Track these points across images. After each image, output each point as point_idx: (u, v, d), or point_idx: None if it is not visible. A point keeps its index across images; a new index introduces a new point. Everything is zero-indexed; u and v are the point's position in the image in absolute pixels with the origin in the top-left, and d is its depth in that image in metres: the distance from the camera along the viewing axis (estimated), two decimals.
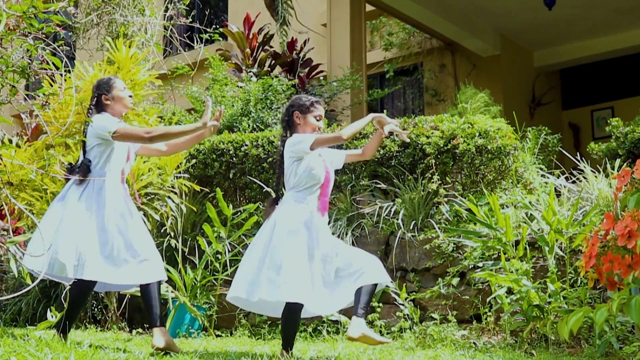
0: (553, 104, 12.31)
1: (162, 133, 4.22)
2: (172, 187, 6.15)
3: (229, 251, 6.06)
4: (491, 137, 6.01)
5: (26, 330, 4.94)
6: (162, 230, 6.48)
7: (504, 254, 4.89)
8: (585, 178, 5.73)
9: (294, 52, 9.29)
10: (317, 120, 4.23)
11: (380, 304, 5.59)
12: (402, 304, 5.40)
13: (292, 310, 3.96)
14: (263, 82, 7.93)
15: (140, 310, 6.49)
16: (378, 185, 6.22)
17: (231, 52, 9.66)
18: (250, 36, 9.19)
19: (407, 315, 5.39)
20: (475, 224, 5.28)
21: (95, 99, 4.38)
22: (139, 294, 5.90)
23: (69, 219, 4.10)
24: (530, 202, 5.54)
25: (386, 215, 5.95)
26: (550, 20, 10.39)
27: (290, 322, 4.03)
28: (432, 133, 6.03)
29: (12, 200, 5.18)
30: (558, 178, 6.01)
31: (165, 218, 6.06)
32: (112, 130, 4.16)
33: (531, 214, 5.40)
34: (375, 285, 4.00)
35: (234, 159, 6.71)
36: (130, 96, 4.49)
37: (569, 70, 12.52)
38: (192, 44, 8.34)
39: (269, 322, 5.96)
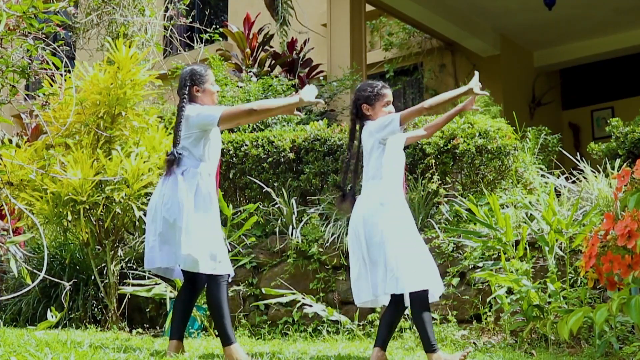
0: (553, 104, 12.32)
1: (265, 109, 4.06)
2: None
3: (229, 251, 6.06)
4: (491, 137, 6.02)
5: (26, 330, 4.96)
6: None
7: (504, 254, 4.91)
8: (585, 178, 5.75)
9: (294, 52, 9.30)
10: (387, 106, 4.12)
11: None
12: None
13: (423, 298, 3.80)
14: (263, 82, 7.95)
15: (140, 310, 6.50)
16: None
17: (231, 52, 9.68)
18: (250, 36, 9.21)
19: (407, 315, 5.39)
20: (475, 224, 5.29)
21: (187, 88, 4.21)
22: (140, 294, 5.94)
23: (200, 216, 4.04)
24: (530, 202, 5.56)
25: None
26: (550, 20, 10.40)
27: (427, 313, 3.81)
28: None
29: (12, 200, 5.21)
30: (558, 178, 6.03)
31: None
32: (217, 117, 4.03)
33: (531, 214, 5.41)
34: None
35: (234, 158, 6.72)
36: (218, 91, 4.38)
37: (569, 70, 12.53)
38: (192, 44, 8.37)
39: (269, 322, 5.97)
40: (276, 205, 6.44)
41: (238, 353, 3.93)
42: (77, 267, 6.53)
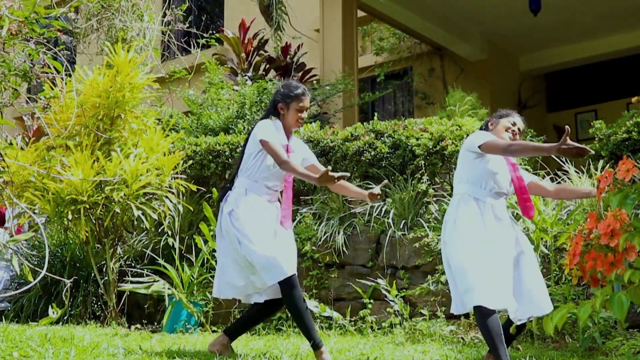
0: (538, 106, 12.42)
1: (521, 148, 3.75)
2: (170, 187, 6.23)
3: None
4: None
5: (28, 326, 5.02)
6: (159, 229, 6.58)
7: None
8: (569, 179, 5.78)
9: (288, 56, 9.38)
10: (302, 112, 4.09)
11: (372, 301, 5.71)
12: (393, 301, 5.53)
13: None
14: (258, 85, 8.02)
15: (138, 307, 6.59)
16: (369, 186, 6.27)
17: (227, 57, 9.74)
18: (246, 41, 9.28)
19: (398, 311, 5.51)
20: None
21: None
22: (139, 291, 6.03)
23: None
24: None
25: (377, 214, 6.07)
26: (536, 26, 10.53)
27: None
28: (421, 135, 6.14)
29: (15, 200, 5.32)
30: (543, 178, 6.07)
31: (163, 217, 6.16)
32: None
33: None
34: None
35: (230, 160, 6.82)
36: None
37: (553, 74, 12.63)
38: (189, 48, 8.42)
39: None
40: None
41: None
42: (78, 265, 6.60)
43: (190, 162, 6.88)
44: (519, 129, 4.00)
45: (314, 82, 9.47)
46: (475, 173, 3.85)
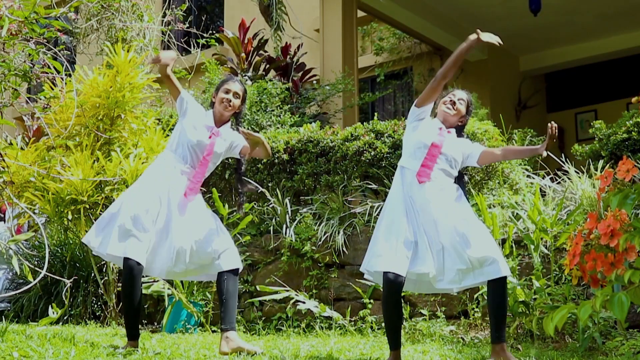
0: (538, 106, 12.44)
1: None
2: None
3: None
4: (478, 138, 6.11)
5: (28, 326, 5.03)
6: None
7: None
8: (569, 179, 5.81)
9: (288, 56, 9.37)
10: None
11: (372, 301, 5.72)
12: None
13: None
14: (258, 85, 8.01)
15: None
16: (369, 186, 6.33)
17: (227, 57, 9.74)
18: (246, 41, 9.27)
19: None
20: None
21: None
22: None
23: None
24: (516, 202, 5.62)
25: (377, 214, 6.05)
26: (536, 26, 10.55)
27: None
28: None
29: (15, 200, 5.32)
30: (543, 179, 6.08)
31: None
32: None
33: (517, 214, 5.49)
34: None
35: (229, 160, 6.81)
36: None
37: (553, 75, 12.65)
38: (189, 48, 8.43)
39: (263, 318, 6.08)
40: (270, 205, 6.55)
41: None
42: (78, 265, 6.61)
43: None
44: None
45: (314, 82, 9.47)
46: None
